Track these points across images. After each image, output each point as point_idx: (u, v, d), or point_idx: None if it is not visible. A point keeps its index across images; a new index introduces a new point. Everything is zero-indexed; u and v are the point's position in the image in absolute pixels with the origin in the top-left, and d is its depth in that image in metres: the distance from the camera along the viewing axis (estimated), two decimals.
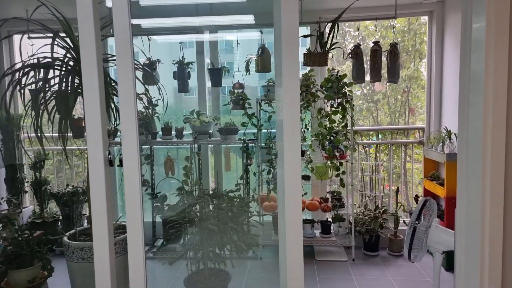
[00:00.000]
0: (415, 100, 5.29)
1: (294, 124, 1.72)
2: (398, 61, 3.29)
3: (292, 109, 1.71)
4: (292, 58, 1.69)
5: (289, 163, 1.73)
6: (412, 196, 3.97)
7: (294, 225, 1.78)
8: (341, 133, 3.38)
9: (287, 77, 1.69)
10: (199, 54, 3.78)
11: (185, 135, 3.73)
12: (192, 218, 2.27)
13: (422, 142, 3.81)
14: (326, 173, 3.46)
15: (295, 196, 1.76)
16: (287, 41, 1.67)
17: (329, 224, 3.59)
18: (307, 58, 3.33)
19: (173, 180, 3.71)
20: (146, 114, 3.60)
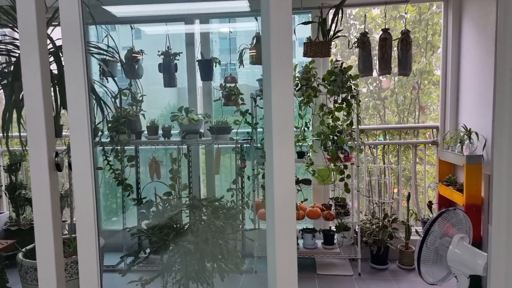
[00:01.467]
0: (425, 97, 4.90)
1: (285, 120, 1.35)
2: (411, 50, 2.91)
3: (283, 101, 1.35)
4: (283, 35, 1.32)
5: (279, 169, 1.36)
6: (424, 203, 3.58)
7: (286, 249, 1.41)
8: (346, 132, 3.01)
9: (277, 60, 1.32)
10: (189, 45, 3.43)
11: (174, 134, 3.39)
12: (166, 233, 1.92)
13: (436, 143, 3.43)
14: (329, 177, 3.09)
15: (287, 209, 1.40)
16: (276, 14, 1.31)
17: (332, 234, 3.22)
18: (307, 47, 2.97)
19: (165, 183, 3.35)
20: (129, 111, 3.25)
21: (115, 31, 3.75)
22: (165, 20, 3.32)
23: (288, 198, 1.41)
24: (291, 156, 1.38)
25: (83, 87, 1.37)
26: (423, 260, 2.10)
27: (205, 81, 3.25)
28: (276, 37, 1.31)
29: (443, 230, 2.09)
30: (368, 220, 3.31)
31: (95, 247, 1.42)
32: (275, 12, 1.30)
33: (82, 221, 1.42)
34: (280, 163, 1.37)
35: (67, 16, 1.37)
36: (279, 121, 1.34)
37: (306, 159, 3.07)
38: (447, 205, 3.24)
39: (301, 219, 3.20)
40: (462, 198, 2.84)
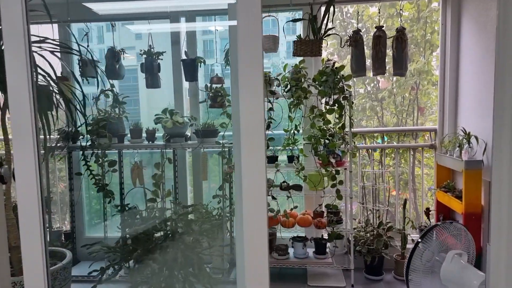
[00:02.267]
0: (424, 98, 4.73)
1: (254, 124, 1.19)
2: (406, 49, 2.74)
3: (252, 105, 1.19)
4: (251, 27, 1.16)
5: (248, 179, 1.20)
6: (422, 209, 3.41)
7: (256, 274, 1.25)
8: (338, 135, 2.85)
9: (245, 56, 1.16)
10: (174, 44, 3.27)
11: (159, 138, 3.23)
12: (131, 250, 1.76)
13: (434, 146, 3.26)
14: (321, 183, 2.92)
15: (257, 222, 1.24)
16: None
17: (324, 243, 3.05)
18: (297, 46, 2.81)
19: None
20: (110, 113, 3.09)
21: (110, 31, 3.61)
22: (149, 18, 3.17)
23: (258, 210, 1.25)
24: (261, 164, 1.22)
25: (26, 89, 1.21)
26: (412, 269, 1.94)
27: (189, 81, 3.09)
28: (244, 28, 1.16)
29: (442, 240, 1.93)
30: (362, 228, 3.14)
31: (42, 269, 1.26)
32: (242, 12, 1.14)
33: (27, 240, 1.26)
34: (249, 171, 1.21)
35: (8, 10, 1.21)
36: (247, 124, 1.18)
37: (296, 164, 2.90)
38: (445, 212, 3.07)
39: (292, 227, 3.04)
40: (461, 206, 2.67)
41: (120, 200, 3.34)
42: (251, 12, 1.16)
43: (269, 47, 2.84)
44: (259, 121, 1.19)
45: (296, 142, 3.02)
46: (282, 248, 3.03)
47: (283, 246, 3.06)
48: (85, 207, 3.63)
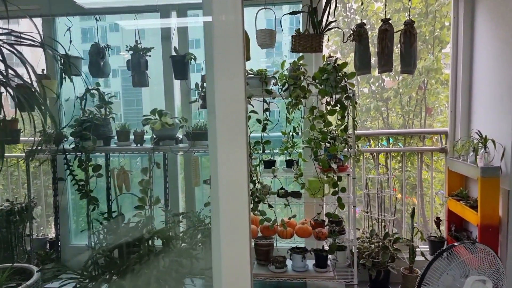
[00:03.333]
0: (432, 98, 4.48)
1: (233, 126, 0.96)
2: (415, 44, 2.50)
3: (230, 103, 0.96)
4: (229, 23, 0.94)
5: (225, 187, 0.97)
6: (431, 218, 3.16)
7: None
8: (340, 139, 2.61)
9: (221, 61, 0.94)
10: (165, 40, 3.05)
11: (148, 140, 3.01)
12: (90, 277, 1.53)
13: (444, 150, 3.01)
14: (321, 190, 2.69)
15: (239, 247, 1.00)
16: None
17: (325, 255, 2.81)
18: (295, 41, 2.58)
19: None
20: (95, 114, 2.88)
21: (113, 31, 3.41)
22: (137, 11, 2.95)
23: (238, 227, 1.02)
24: (242, 167, 0.99)
25: None
26: (426, 284, 1.71)
27: (179, 79, 2.86)
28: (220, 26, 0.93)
29: (458, 260, 1.69)
30: (366, 238, 2.91)
31: None
32: None
33: None
34: (226, 174, 0.98)
35: None
36: (225, 122, 0.95)
37: (294, 169, 2.67)
38: (457, 222, 2.83)
39: (290, 238, 2.80)
40: (476, 216, 2.42)
41: (107, 207, 3.12)
42: (230, 4, 0.93)
43: (265, 42, 2.61)
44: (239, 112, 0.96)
45: (295, 145, 2.79)
46: (280, 260, 2.80)
47: (281, 258, 2.83)
48: (71, 214, 3.42)
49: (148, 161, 2.75)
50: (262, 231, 2.83)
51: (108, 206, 3.13)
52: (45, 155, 2.99)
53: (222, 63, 0.95)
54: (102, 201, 3.17)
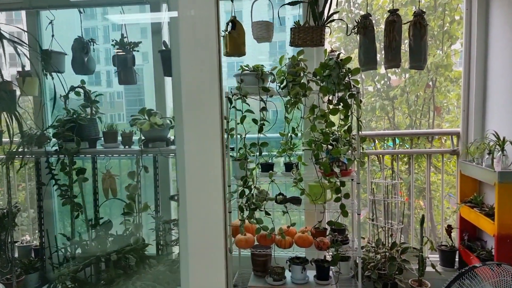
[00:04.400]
0: (441, 97, 4.25)
1: (205, 140, 0.76)
2: (425, 37, 2.29)
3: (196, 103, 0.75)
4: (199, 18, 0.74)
5: (194, 203, 0.77)
6: (442, 226, 2.94)
7: None
8: (343, 140, 2.40)
9: (187, 65, 0.74)
10: (156, 35, 2.85)
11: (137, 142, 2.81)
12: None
13: (456, 152, 2.79)
14: (322, 196, 2.48)
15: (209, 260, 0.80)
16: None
17: (327, 266, 2.60)
18: (294, 34, 2.37)
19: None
20: (79, 113, 2.68)
21: (115, 29, 3.21)
22: (126, 4, 2.75)
23: (211, 245, 0.82)
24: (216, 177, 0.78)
25: None
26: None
27: (168, 76, 2.66)
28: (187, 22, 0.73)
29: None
30: (372, 248, 2.69)
31: None
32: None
33: None
34: (194, 176, 0.78)
35: None
36: (191, 114, 0.75)
37: (293, 173, 2.46)
38: (471, 231, 2.61)
39: (289, 248, 2.60)
40: (492, 226, 2.20)
41: (94, 214, 2.93)
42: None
43: (261, 35, 2.40)
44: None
45: (295, 147, 2.58)
46: (278, 272, 2.59)
47: (279, 269, 2.62)
48: (57, 220, 3.22)
49: (136, 164, 2.55)
50: (259, 240, 2.63)
51: (95, 212, 2.94)
52: (26, 158, 2.80)
53: (190, 66, 0.75)
54: (89, 207, 2.98)
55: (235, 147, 2.69)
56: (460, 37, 3.58)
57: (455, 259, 2.68)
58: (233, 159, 2.57)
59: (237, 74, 2.48)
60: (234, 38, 2.40)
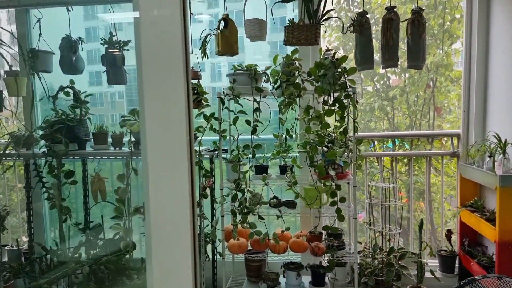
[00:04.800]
0: (441, 97, 4.17)
1: (167, 134, 0.68)
2: (424, 35, 2.20)
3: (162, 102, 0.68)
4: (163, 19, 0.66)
5: (157, 190, 0.69)
6: (442, 230, 2.85)
7: None
8: (339, 142, 2.32)
9: (151, 78, 0.66)
10: None
11: None
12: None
13: (456, 155, 2.70)
14: (318, 200, 2.40)
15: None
16: None
17: (323, 272, 2.52)
18: (288, 33, 2.29)
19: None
20: (68, 114, 2.61)
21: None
22: (116, 2, 2.67)
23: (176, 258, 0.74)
24: (183, 197, 0.71)
25: None
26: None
27: None
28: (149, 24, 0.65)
29: None
30: (369, 253, 2.61)
31: None
32: None
33: None
34: (159, 179, 0.70)
35: None
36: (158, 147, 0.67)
37: (288, 176, 2.38)
38: (471, 236, 2.53)
39: (283, 253, 2.52)
40: (493, 231, 2.12)
41: (85, 217, 2.86)
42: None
43: (254, 34, 2.33)
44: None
45: (290, 149, 2.51)
46: (272, 278, 2.52)
47: (273, 275, 2.54)
48: (48, 224, 3.15)
49: (125, 166, 2.48)
50: (253, 245, 2.55)
51: (86, 216, 2.87)
52: (13, 160, 2.73)
53: (153, 71, 0.67)
54: (79, 211, 2.91)
55: (228, 149, 2.62)
56: (461, 36, 3.50)
57: (455, 264, 2.60)
58: (226, 161, 2.50)
59: (230, 74, 2.41)
60: (226, 37, 2.32)
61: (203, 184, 2.44)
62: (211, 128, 2.40)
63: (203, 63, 4.42)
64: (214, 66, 3.84)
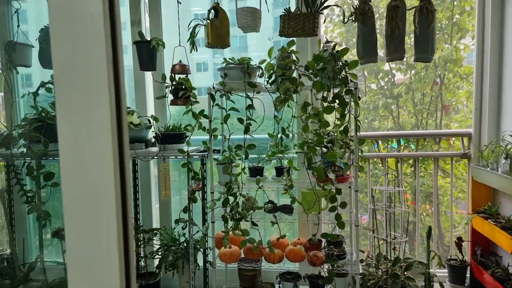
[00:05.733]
0: (449, 95, 3.96)
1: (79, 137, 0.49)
2: (433, 24, 2.00)
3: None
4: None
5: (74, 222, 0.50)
6: (451, 238, 2.65)
7: None
8: (339, 142, 2.13)
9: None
10: (134, 25, 2.59)
11: None
12: None
13: (467, 156, 2.50)
14: (318, 204, 2.21)
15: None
16: None
17: (322, 284, 2.33)
18: (284, 22, 2.10)
19: None
20: (48, 112, 2.43)
21: None
22: None
23: None
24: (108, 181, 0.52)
25: None
26: None
27: (145, 70, 2.41)
28: None
29: None
30: (372, 261, 2.41)
31: None
32: None
33: None
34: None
35: None
36: None
37: (283, 179, 2.19)
38: (484, 245, 2.33)
39: (279, 262, 2.33)
40: (509, 241, 1.91)
41: None
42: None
43: (246, 24, 2.14)
44: None
45: (287, 149, 2.32)
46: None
47: (268, 286, 2.36)
48: (31, 228, 2.99)
49: None
50: (246, 253, 2.36)
51: None
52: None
53: (66, 63, 0.49)
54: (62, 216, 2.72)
55: (221, 149, 2.43)
56: (471, 29, 3.29)
57: (466, 275, 2.39)
58: (217, 162, 2.31)
59: (221, 68, 2.22)
60: (216, 27, 2.13)
61: (191, 188, 2.25)
62: (200, 127, 2.21)
63: (206, 62, 4.23)
64: (218, 65, 3.67)
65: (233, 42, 2.31)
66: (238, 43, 4.18)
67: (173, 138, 2.34)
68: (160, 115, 2.65)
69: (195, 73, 3.73)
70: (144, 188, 2.74)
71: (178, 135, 2.35)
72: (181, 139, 2.37)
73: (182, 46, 2.28)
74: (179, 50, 2.33)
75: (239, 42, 4.27)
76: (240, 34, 3.37)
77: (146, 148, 2.45)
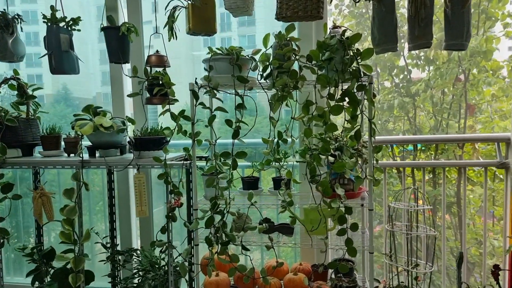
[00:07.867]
0: (473, 93, 3.52)
1: None
2: (469, 3, 1.59)
3: None
4: None
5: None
6: (484, 264, 2.22)
7: None
8: (350, 150, 1.72)
9: None
10: (110, 11, 2.22)
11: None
12: None
13: (505, 166, 2.07)
14: (324, 224, 1.81)
15: None
16: None
17: None
18: (281, 3, 1.71)
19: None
20: (8, 112, 2.08)
21: None
22: None
23: None
24: None
25: None
26: None
27: (114, 62, 2.03)
28: None
29: None
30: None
31: None
32: None
33: None
34: None
35: None
36: None
37: (281, 194, 1.79)
38: None
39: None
40: None
41: (38, 240, 2.34)
42: None
43: (235, 5, 1.75)
44: None
45: (283, 159, 1.92)
46: None
47: None
48: None
49: (74, 179, 1.92)
50: (237, 282, 1.98)
51: (38, 236, 2.35)
52: None
53: None
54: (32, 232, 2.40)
55: (210, 156, 2.04)
56: (502, 18, 2.85)
57: None
58: (201, 173, 1.93)
59: (206, 60, 1.83)
60: (199, 9, 1.75)
61: (170, 204, 1.87)
62: (180, 130, 1.83)
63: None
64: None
65: (239, 33, 1.93)
66: (246, 42, 3.74)
67: (151, 143, 1.96)
68: (141, 116, 2.29)
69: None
70: (123, 200, 2.38)
71: (156, 140, 1.97)
72: (160, 144, 1.99)
73: (159, 33, 1.91)
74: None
75: (247, 41, 3.83)
76: (249, 24, 2.95)
77: (121, 155, 2.08)
